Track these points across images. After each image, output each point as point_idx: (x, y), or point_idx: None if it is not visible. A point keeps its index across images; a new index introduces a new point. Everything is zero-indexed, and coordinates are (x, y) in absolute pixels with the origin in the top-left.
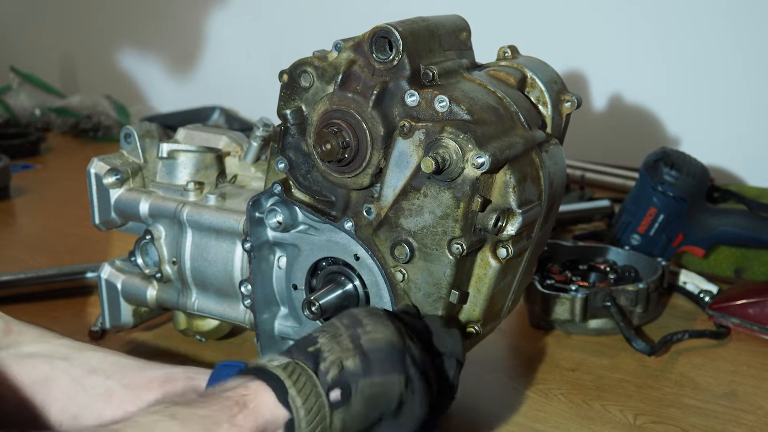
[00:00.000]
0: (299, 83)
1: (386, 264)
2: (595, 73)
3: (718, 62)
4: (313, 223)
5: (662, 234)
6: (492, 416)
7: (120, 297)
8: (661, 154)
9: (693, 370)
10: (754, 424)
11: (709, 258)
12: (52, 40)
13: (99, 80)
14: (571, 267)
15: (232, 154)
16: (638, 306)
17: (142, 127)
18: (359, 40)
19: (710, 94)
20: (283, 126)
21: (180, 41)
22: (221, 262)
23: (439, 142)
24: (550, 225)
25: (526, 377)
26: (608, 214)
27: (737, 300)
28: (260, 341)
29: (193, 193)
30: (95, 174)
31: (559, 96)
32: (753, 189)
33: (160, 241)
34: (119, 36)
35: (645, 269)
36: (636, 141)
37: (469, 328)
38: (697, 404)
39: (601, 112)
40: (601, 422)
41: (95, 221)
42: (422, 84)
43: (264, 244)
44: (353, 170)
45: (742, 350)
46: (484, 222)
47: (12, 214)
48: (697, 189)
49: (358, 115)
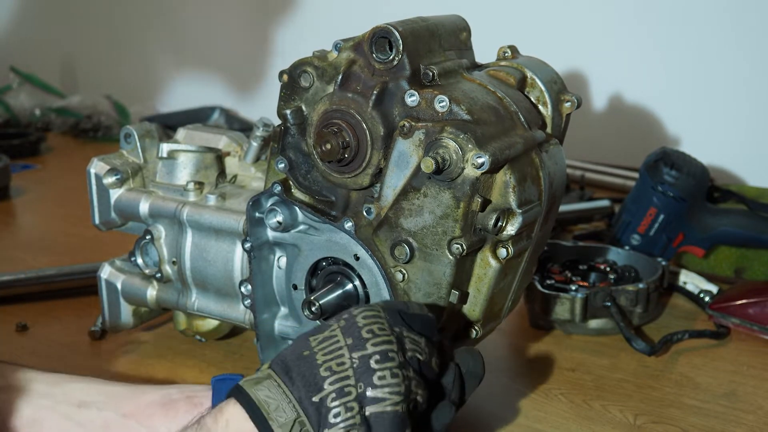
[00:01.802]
0: (299, 83)
1: (386, 264)
2: (595, 73)
3: (718, 62)
4: (313, 223)
5: (662, 234)
6: (492, 416)
7: (120, 297)
8: (661, 154)
9: (693, 370)
10: (754, 424)
11: (709, 258)
12: (52, 40)
13: (99, 80)
14: (571, 267)
15: (232, 154)
16: (638, 306)
17: (142, 127)
18: (359, 40)
19: (710, 94)
20: (283, 126)
21: (180, 41)
22: (221, 262)
23: (439, 142)
24: (550, 225)
25: (526, 377)
26: (608, 214)
27: (737, 300)
28: (260, 341)
29: (193, 193)
30: (95, 174)
31: (559, 96)
32: (753, 189)
33: (160, 241)
34: (119, 36)
35: (645, 269)
36: (636, 141)
37: (469, 329)
38: (697, 404)
39: (601, 112)
40: (601, 422)
41: (95, 221)
42: (422, 84)
43: (264, 244)
44: (353, 170)
45: (742, 350)
46: (484, 222)
47: (12, 214)
48: (697, 189)
49: (358, 115)
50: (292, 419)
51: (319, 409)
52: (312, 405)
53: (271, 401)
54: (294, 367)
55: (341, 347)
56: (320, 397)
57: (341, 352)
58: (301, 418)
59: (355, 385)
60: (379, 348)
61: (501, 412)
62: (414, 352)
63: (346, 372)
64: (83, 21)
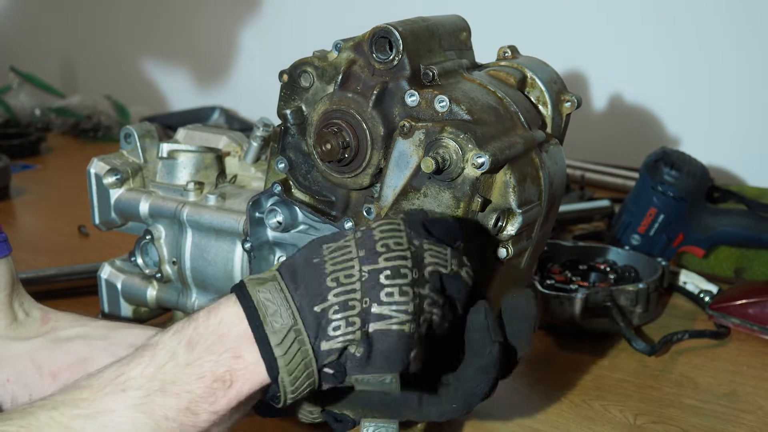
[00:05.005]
0: (299, 83)
1: None
2: (595, 73)
3: (718, 62)
4: (313, 223)
5: (662, 234)
6: (492, 416)
7: (120, 297)
8: (661, 154)
9: (693, 370)
10: (754, 424)
11: (709, 258)
12: (52, 40)
13: (99, 80)
14: (571, 267)
15: (232, 154)
16: (638, 306)
17: (142, 127)
18: (359, 40)
19: (710, 94)
20: (283, 126)
21: (180, 41)
22: (221, 262)
23: (439, 142)
24: (550, 225)
25: (527, 377)
26: (608, 214)
27: (737, 300)
28: None
29: (193, 193)
30: (95, 174)
31: (559, 96)
32: (753, 189)
33: (160, 241)
34: (119, 36)
35: (645, 269)
36: (636, 141)
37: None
38: (697, 404)
39: (601, 112)
40: (601, 422)
41: (95, 221)
42: (422, 84)
43: (264, 244)
44: (353, 170)
45: (742, 350)
46: (484, 222)
47: (12, 214)
48: (697, 189)
49: (358, 115)
50: (288, 326)
51: (318, 320)
52: (312, 314)
53: (270, 304)
54: (300, 273)
55: (352, 258)
56: (323, 308)
57: (351, 264)
58: (297, 326)
59: (361, 300)
60: (392, 263)
61: (501, 412)
62: (436, 266)
63: (353, 285)
64: (83, 21)
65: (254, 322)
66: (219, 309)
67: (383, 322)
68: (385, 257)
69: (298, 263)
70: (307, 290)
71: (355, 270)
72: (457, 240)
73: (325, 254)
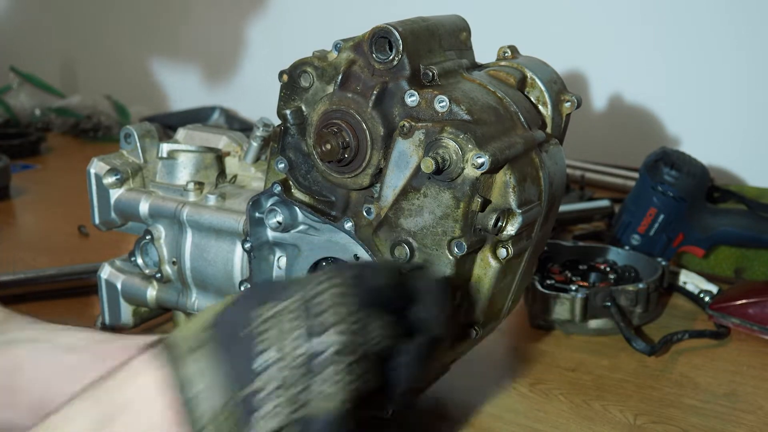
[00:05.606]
0: (299, 83)
1: None
2: (595, 73)
3: (718, 62)
4: (313, 223)
5: (662, 234)
6: (492, 416)
7: (120, 297)
8: (661, 154)
9: (693, 370)
10: (754, 424)
11: (709, 258)
12: (52, 40)
13: (99, 80)
14: (571, 267)
15: (232, 154)
16: (638, 306)
17: (142, 127)
18: (359, 40)
19: (710, 94)
20: (283, 126)
21: (180, 42)
22: (221, 262)
23: (439, 142)
24: (550, 225)
25: (526, 377)
26: (608, 214)
27: (737, 300)
28: None
29: (193, 193)
30: (95, 174)
31: (559, 96)
32: (753, 189)
33: (160, 241)
34: (119, 36)
35: (645, 269)
36: (636, 141)
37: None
38: (697, 404)
39: (601, 112)
40: (601, 422)
41: (95, 221)
42: (422, 84)
43: (264, 244)
44: (353, 170)
45: (742, 350)
46: (484, 222)
47: (12, 214)
48: (697, 189)
49: (358, 115)
50: (218, 407)
51: (250, 400)
52: (241, 398)
53: (198, 381)
54: (237, 339)
55: (299, 327)
56: (252, 390)
57: (298, 333)
58: (228, 406)
59: (302, 384)
60: (335, 338)
61: (501, 412)
62: (381, 340)
63: (294, 361)
64: (83, 21)
65: (178, 404)
66: (137, 376)
67: (324, 401)
68: (329, 332)
69: (239, 322)
70: (234, 369)
71: (301, 341)
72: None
73: (268, 316)
